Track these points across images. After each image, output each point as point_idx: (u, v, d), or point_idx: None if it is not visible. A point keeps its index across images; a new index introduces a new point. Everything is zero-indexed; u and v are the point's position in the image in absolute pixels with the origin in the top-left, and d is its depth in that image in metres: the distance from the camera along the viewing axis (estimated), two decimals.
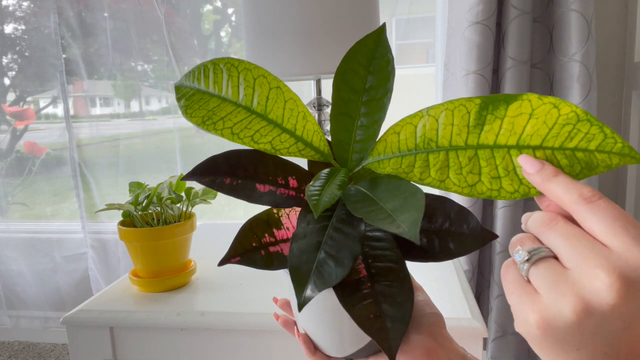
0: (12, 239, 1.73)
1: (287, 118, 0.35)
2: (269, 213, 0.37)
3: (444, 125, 0.29)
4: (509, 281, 0.27)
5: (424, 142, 0.30)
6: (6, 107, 1.75)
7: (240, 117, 0.35)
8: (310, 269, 0.29)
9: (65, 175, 1.71)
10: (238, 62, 0.35)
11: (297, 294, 0.29)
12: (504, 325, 1.18)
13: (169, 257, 0.82)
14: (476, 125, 0.28)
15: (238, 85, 0.35)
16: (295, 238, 0.31)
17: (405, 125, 0.31)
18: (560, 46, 1.06)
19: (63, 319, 0.75)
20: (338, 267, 0.29)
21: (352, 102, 0.33)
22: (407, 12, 1.40)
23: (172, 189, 0.82)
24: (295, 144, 0.35)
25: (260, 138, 0.35)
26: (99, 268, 1.67)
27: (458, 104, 0.29)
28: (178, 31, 1.57)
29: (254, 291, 0.80)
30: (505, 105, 0.27)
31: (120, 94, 1.68)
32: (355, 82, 0.33)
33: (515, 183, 0.28)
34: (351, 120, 0.34)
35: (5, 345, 1.79)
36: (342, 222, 0.32)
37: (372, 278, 0.31)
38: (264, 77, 0.35)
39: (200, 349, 0.74)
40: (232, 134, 0.35)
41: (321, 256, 0.30)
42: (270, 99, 0.35)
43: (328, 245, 0.30)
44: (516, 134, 0.27)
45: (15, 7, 1.68)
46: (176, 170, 1.63)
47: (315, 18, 0.82)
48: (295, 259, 0.30)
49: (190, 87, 0.37)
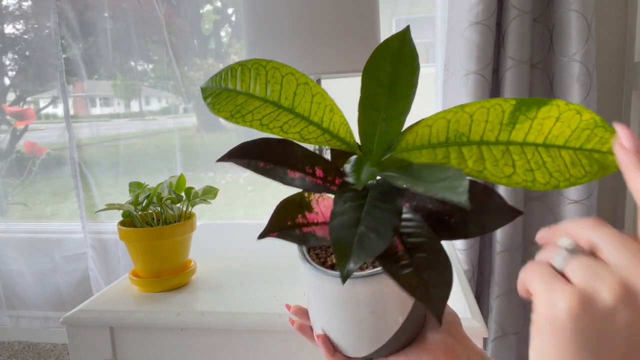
0: (12, 239, 1.73)
1: (314, 111, 0.37)
2: (301, 196, 0.38)
3: (477, 122, 0.32)
4: (539, 273, 0.26)
5: (456, 135, 0.33)
6: (6, 107, 1.75)
7: (268, 111, 0.37)
8: (351, 242, 0.30)
9: (65, 175, 1.71)
10: (266, 62, 0.37)
11: (340, 267, 0.29)
12: (504, 325, 1.18)
13: (169, 257, 0.82)
14: (508, 124, 0.31)
15: (266, 82, 0.37)
16: (334, 216, 0.32)
17: (438, 120, 0.33)
18: (560, 46, 1.06)
19: (63, 319, 0.75)
20: (379, 239, 0.30)
21: (378, 96, 0.35)
22: (407, 12, 1.40)
23: (172, 189, 0.82)
24: (323, 134, 0.37)
25: (289, 128, 0.37)
26: (99, 268, 1.67)
27: (494, 103, 0.31)
28: (178, 31, 1.57)
29: (254, 291, 0.80)
30: (537, 107, 0.30)
31: (120, 94, 1.68)
32: (382, 77, 0.34)
33: (547, 176, 0.30)
34: (377, 113, 0.35)
35: (5, 345, 1.79)
36: (378, 200, 0.33)
37: (409, 251, 0.33)
38: (291, 75, 0.36)
39: (200, 349, 0.74)
40: (261, 125, 0.37)
41: (361, 230, 0.31)
42: (298, 94, 0.36)
43: (367, 220, 0.31)
44: (543, 134, 0.30)
45: (15, 7, 1.68)
46: (176, 170, 1.63)
47: (315, 18, 0.82)
48: (337, 233, 0.31)
49: (215, 87, 0.38)
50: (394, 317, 0.37)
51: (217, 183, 1.66)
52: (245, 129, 1.67)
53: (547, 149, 0.30)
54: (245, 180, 1.67)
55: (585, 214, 1.07)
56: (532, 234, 1.18)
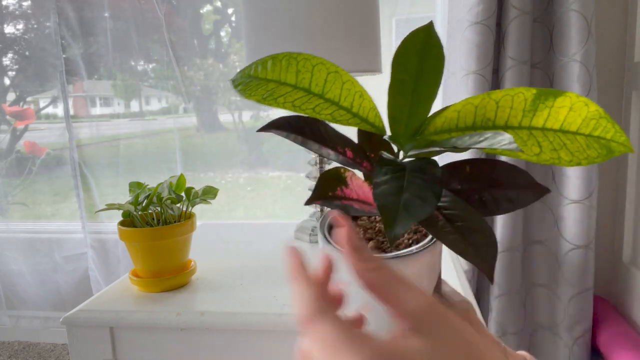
0: (12, 239, 1.73)
1: (344, 97, 0.39)
2: (337, 171, 0.40)
3: (502, 108, 0.35)
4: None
5: (483, 120, 0.36)
6: (6, 107, 1.75)
7: (299, 95, 0.39)
8: (397, 208, 0.32)
9: (65, 175, 1.71)
10: (297, 54, 0.39)
11: (388, 231, 0.31)
12: (504, 325, 1.18)
13: (169, 257, 0.82)
14: (530, 110, 0.35)
15: (296, 72, 0.39)
16: (377, 185, 0.34)
17: (466, 105, 0.36)
18: (560, 46, 1.06)
19: (63, 319, 0.75)
20: (424, 204, 0.32)
21: (406, 82, 0.37)
22: (407, 12, 1.40)
23: (172, 189, 0.82)
24: (353, 117, 0.40)
25: (322, 110, 0.39)
26: (99, 268, 1.67)
27: (518, 91, 0.35)
28: (178, 31, 1.57)
29: (254, 291, 0.80)
30: (553, 97, 0.34)
31: (120, 94, 1.68)
32: (409, 65, 0.37)
33: (569, 155, 0.34)
34: (405, 98, 0.38)
35: (5, 345, 1.79)
36: (417, 171, 0.35)
37: (449, 221, 0.35)
38: (322, 64, 0.39)
39: (200, 349, 0.74)
40: (293, 107, 0.39)
41: (406, 196, 0.32)
42: (329, 81, 0.39)
43: (410, 188, 0.33)
44: (559, 121, 0.34)
45: (15, 7, 1.68)
46: (176, 170, 1.63)
47: (315, 18, 0.82)
48: (382, 200, 0.32)
49: (245, 78, 0.40)
50: None
51: (217, 183, 1.66)
52: (247, 130, 1.67)
53: (565, 133, 0.34)
54: (245, 180, 1.67)
55: (586, 213, 1.07)
56: (532, 234, 1.18)
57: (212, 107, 1.64)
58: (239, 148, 1.67)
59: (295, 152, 1.61)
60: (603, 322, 1.14)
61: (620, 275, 1.19)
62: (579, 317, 1.13)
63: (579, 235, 1.09)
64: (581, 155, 0.34)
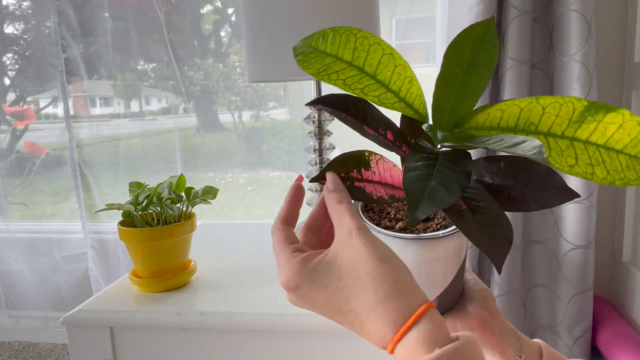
0: (12, 239, 1.73)
1: (394, 80, 0.40)
2: (361, 154, 0.41)
3: (548, 114, 0.35)
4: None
5: (525, 123, 0.35)
6: (6, 107, 1.75)
7: (352, 73, 0.40)
8: (422, 193, 0.33)
9: (65, 175, 1.71)
10: (357, 31, 0.39)
11: (411, 213, 0.32)
12: None
13: (169, 257, 0.82)
14: (576, 122, 0.34)
15: (354, 48, 0.40)
16: (408, 170, 0.36)
17: (512, 106, 0.36)
18: (560, 46, 1.06)
19: (63, 319, 0.75)
20: (448, 193, 0.33)
21: (456, 74, 0.37)
22: (407, 12, 1.40)
23: (172, 189, 0.82)
24: (399, 102, 0.40)
25: (369, 91, 0.40)
26: (99, 268, 1.67)
27: (568, 100, 0.34)
28: (178, 31, 1.57)
29: (254, 291, 0.80)
30: (604, 112, 0.33)
31: (120, 94, 1.68)
32: (462, 57, 0.37)
33: (605, 172, 0.33)
34: (452, 89, 0.38)
35: (5, 345, 1.79)
36: (448, 162, 0.36)
37: (472, 212, 0.36)
38: (378, 45, 0.39)
39: (200, 349, 0.74)
40: (344, 85, 0.40)
41: (433, 184, 0.34)
42: (382, 62, 0.39)
43: (438, 177, 0.34)
44: (605, 137, 0.33)
45: (15, 7, 1.68)
46: (176, 170, 1.63)
47: (315, 18, 0.82)
48: (410, 184, 0.34)
49: (306, 48, 0.42)
50: (437, 283, 0.40)
51: (217, 183, 1.66)
52: (247, 130, 1.67)
53: (607, 150, 0.33)
54: (245, 180, 1.67)
55: (586, 213, 1.07)
56: (532, 234, 1.18)
57: (212, 107, 1.64)
58: (239, 148, 1.67)
59: (295, 152, 1.61)
60: (603, 322, 1.14)
61: (620, 275, 1.19)
62: (579, 317, 1.13)
63: (579, 235, 1.09)
64: (617, 175, 0.33)
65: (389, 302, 0.30)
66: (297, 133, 1.61)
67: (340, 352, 0.71)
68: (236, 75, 1.62)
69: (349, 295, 0.32)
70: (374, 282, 0.31)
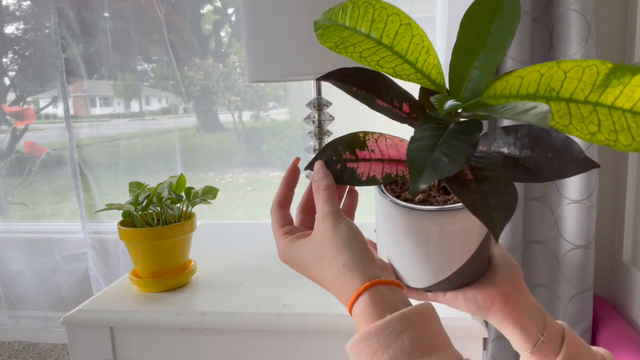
0: (12, 239, 1.73)
1: (411, 51, 0.39)
2: (353, 136, 0.41)
3: (570, 79, 0.33)
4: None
5: (546, 90, 0.34)
6: (6, 107, 1.75)
7: (369, 45, 0.40)
8: (425, 163, 0.33)
9: (65, 175, 1.71)
10: (376, 2, 0.40)
11: (412, 182, 0.32)
12: None
13: (169, 257, 0.82)
14: (601, 85, 0.31)
15: (371, 20, 0.40)
16: (413, 140, 0.35)
17: (532, 72, 0.34)
18: (560, 46, 1.06)
19: (63, 319, 0.75)
20: (451, 162, 0.32)
21: (474, 41, 0.36)
22: (407, 12, 1.40)
23: (172, 189, 0.82)
24: (415, 73, 0.39)
25: (385, 63, 0.40)
26: (99, 268, 1.67)
27: (591, 64, 0.32)
28: (178, 31, 1.57)
29: (254, 291, 0.80)
30: (631, 74, 0.30)
31: (120, 94, 1.68)
32: (481, 23, 0.36)
33: (629, 139, 0.31)
34: (470, 58, 0.37)
35: (5, 345, 1.79)
36: (456, 132, 0.35)
37: (478, 181, 0.35)
38: (396, 15, 0.39)
39: (200, 349, 0.74)
40: (360, 57, 0.40)
41: (436, 154, 0.33)
42: (399, 33, 0.39)
43: (443, 147, 0.34)
44: (633, 100, 0.31)
45: (15, 7, 1.68)
46: (176, 170, 1.63)
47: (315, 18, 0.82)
48: (413, 154, 0.34)
49: (326, 21, 0.42)
50: (457, 255, 0.40)
51: (217, 183, 1.66)
52: (247, 130, 1.67)
53: (634, 115, 0.31)
54: (245, 180, 1.67)
55: (586, 213, 1.07)
56: (532, 234, 1.18)
57: (212, 107, 1.64)
58: (238, 148, 1.67)
59: (295, 152, 1.61)
60: (603, 322, 1.14)
61: (620, 275, 1.19)
62: (579, 317, 1.13)
63: (579, 235, 1.09)
64: None
65: (337, 281, 0.37)
66: (297, 133, 1.60)
67: (340, 352, 0.71)
68: (236, 75, 1.62)
69: (319, 270, 0.38)
70: (328, 264, 0.37)
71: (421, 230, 0.39)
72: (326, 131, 0.98)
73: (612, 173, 1.21)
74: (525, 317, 0.41)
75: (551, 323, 0.43)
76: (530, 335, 0.41)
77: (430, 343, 0.32)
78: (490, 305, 0.42)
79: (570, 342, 0.42)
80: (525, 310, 0.41)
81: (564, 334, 0.42)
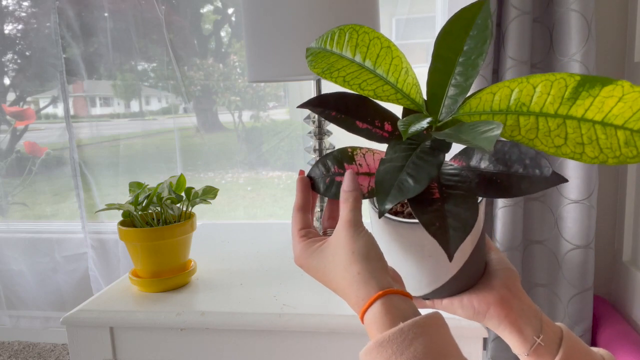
0: (12, 239, 1.73)
1: (391, 72, 0.41)
2: (342, 151, 0.43)
3: (539, 94, 0.33)
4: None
5: (517, 105, 0.34)
6: (6, 107, 1.75)
7: (352, 69, 0.42)
8: (392, 185, 0.35)
9: (65, 175, 1.71)
10: (359, 27, 0.42)
11: (379, 203, 0.34)
12: None
13: (169, 257, 0.82)
14: (570, 99, 0.32)
15: (355, 45, 0.42)
16: (383, 162, 0.37)
17: (503, 88, 0.35)
18: (560, 46, 1.06)
19: (63, 319, 0.75)
20: (415, 183, 0.34)
21: (449, 60, 0.38)
22: (407, 12, 1.40)
23: (172, 189, 0.82)
24: (395, 94, 0.41)
25: (366, 86, 0.41)
26: (99, 268, 1.67)
27: (559, 77, 0.32)
28: (178, 31, 1.57)
29: (254, 291, 0.80)
30: (600, 86, 0.31)
31: (120, 94, 1.68)
32: (455, 43, 0.37)
33: (597, 151, 0.31)
34: (446, 76, 0.38)
35: (5, 345, 1.79)
36: (425, 153, 0.37)
37: (444, 200, 0.36)
38: (377, 39, 0.41)
39: (200, 349, 0.74)
40: (344, 81, 0.42)
41: (402, 176, 0.35)
42: (380, 56, 0.41)
43: (410, 168, 0.36)
44: (603, 112, 0.31)
45: (15, 7, 1.68)
46: (176, 170, 1.63)
47: (315, 18, 0.82)
48: (381, 176, 0.36)
49: (317, 47, 0.44)
50: (448, 264, 0.40)
51: (217, 183, 1.66)
52: (247, 130, 1.67)
53: (604, 126, 0.31)
54: (245, 180, 1.67)
55: (586, 213, 1.07)
56: (532, 234, 1.18)
57: (212, 107, 1.64)
58: (238, 148, 1.67)
59: (295, 152, 1.61)
60: (603, 322, 1.14)
61: (620, 275, 1.19)
62: (579, 317, 1.13)
63: (579, 235, 1.09)
64: (611, 153, 0.31)
65: (350, 288, 0.37)
66: (297, 133, 1.60)
67: (340, 352, 0.71)
68: (236, 75, 1.62)
69: (333, 276, 0.39)
70: (343, 270, 0.38)
71: (413, 241, 0.40)
72: (326, 131, 0.98)
73: (612, 173, 1.21)
74: (521, 320, 0.42)
75: (549, 325, 0.43)
76: (526, 337, 0.41)
77: (441, 351, 0.33)
78: (486, 310, 0.42)
79: (568, 344, 0.42)
80: (521, 313, 0.42)
81: (562, 336, 0.42)
